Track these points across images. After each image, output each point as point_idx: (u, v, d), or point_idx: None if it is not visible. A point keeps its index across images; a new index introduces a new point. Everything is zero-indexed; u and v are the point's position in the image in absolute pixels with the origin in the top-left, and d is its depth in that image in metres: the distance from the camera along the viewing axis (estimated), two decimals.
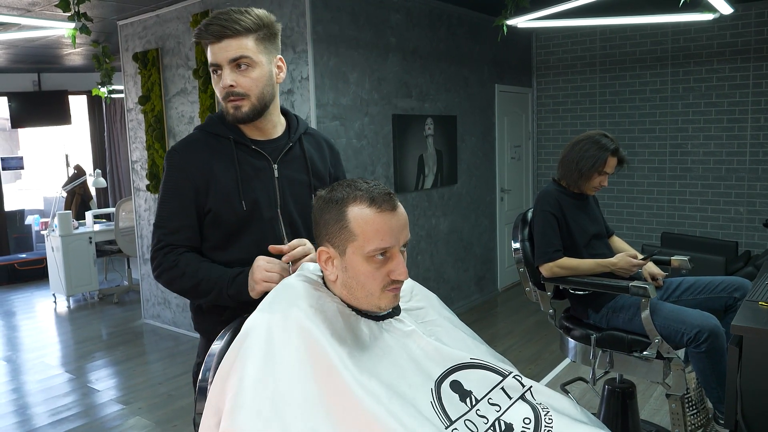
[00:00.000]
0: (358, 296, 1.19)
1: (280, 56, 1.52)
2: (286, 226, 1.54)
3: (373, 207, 1.14)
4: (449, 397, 1.12)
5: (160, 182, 1.54)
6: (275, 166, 1.54)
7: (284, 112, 1.62)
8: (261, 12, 1.46)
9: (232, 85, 1.43)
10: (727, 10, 3.28)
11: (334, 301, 1.20)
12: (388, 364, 1.13)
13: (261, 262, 1.40)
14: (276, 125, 1.58)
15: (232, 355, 1.10)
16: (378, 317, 1.22)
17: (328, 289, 1.23)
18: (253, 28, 1.43)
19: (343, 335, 1.13)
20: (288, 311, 1.13)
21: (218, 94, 1.47)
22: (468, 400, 1.12)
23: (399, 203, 1.19)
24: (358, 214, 1.14)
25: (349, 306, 1.20)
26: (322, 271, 1.25)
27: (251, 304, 1.30)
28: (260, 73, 1.45)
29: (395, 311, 1.27)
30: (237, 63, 1.43)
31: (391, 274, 1.16)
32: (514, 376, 1.21)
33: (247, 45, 1.42)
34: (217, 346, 1.25)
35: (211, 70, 1.47)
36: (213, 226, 1.51)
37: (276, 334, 1.09)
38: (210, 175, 1.48)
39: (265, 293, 1.29)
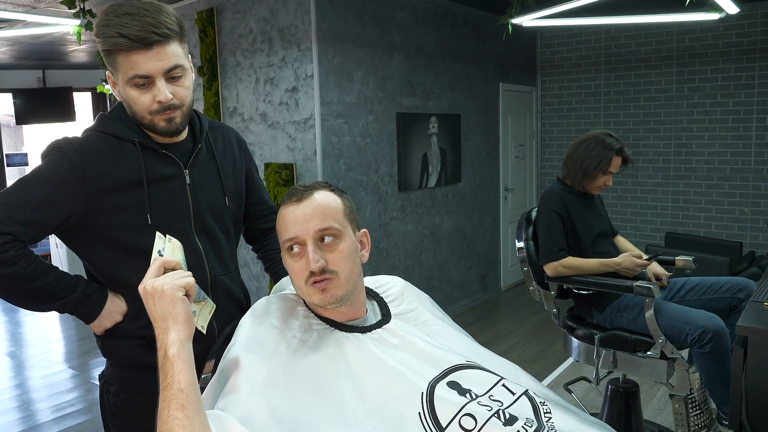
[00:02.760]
0: (300, 294, 1.20)
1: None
2: (201, 237, 1.40)
3: (283, 204, 1.19)
4: (445, 396, 1.07)
5: (39, 166, 1.28)
6: (186, 171, 1.37)
7: None
8: (170, 8, 1.26)
9: (162, 100, 1.25)
10: (733, 9, 3.26)
11: (314, 326, 1.17)
12: (373, 380, 1.09)
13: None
14: None
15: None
16: (364, 329, 1.18)
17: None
18: (178, 29, 1.25)
19: (321, 367, 1.10)
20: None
21: (142, 107, 1.26)
22: (468, 395, 1.09)
23: (318, 194, 1.17)
24: (278, 213, 1.21)
25: (329, 323, 1.18)
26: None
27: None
28: (190, 79, 1.30)
29: (385, 320, 1.23)
30: (171, 73, 1.25)
31: (307, 266, 1.14)
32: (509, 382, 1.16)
33: (177, 51, 1.25)
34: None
35: (131, 83, 1.24)
36: (111, 244, 1.30)
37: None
38: (109, 184, 1.27)
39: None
